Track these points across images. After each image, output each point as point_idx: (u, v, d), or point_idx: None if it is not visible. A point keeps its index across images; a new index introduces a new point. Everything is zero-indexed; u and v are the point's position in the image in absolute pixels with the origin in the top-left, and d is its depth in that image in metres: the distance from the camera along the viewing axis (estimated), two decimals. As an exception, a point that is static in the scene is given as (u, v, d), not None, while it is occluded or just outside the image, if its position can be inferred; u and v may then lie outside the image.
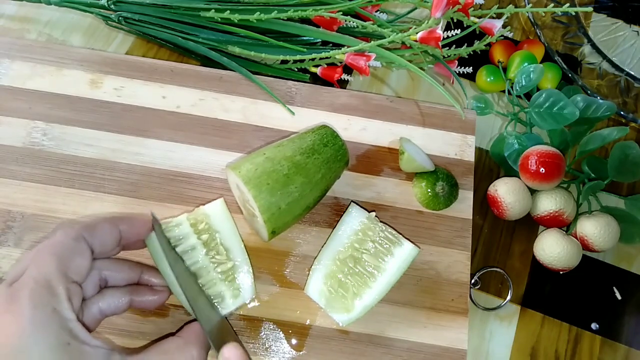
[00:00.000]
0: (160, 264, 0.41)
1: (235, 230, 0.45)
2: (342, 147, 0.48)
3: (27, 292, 0.32)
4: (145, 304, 0.41)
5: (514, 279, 0.52)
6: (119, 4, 0.56)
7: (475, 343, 0.49)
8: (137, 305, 0.41)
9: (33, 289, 0.32)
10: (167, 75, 0.55)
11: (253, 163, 0.43)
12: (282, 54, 0.55)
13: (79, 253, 0.36)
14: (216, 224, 0.45)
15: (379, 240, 0.45)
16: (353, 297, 0.44)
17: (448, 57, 0.58)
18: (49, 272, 0.33)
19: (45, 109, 0.52)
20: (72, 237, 0.36)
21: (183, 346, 0.36)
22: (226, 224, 0.45)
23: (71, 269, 0.35)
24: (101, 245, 0.38)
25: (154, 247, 0.41)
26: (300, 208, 0.45)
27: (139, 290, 0.41)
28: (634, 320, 0.52)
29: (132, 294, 0.40)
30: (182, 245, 0.43)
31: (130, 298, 0.40)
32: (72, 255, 0.35)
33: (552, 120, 0.51)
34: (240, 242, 0.45)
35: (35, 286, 0.32)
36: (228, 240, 0.45)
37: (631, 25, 0.70)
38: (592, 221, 0.50)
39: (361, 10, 0.56)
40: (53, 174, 0.49)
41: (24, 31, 0.60)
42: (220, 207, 0.46)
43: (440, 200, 0.50)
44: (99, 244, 0.38)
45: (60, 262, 0.34)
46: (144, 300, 0.41)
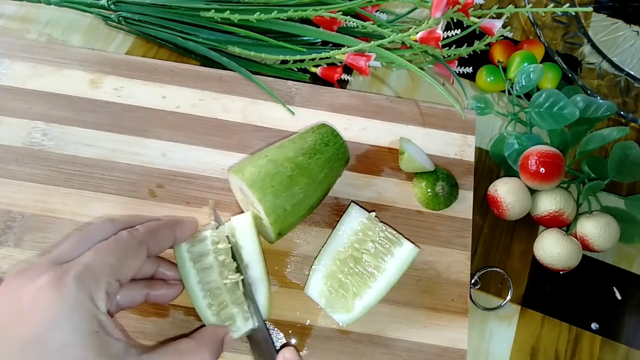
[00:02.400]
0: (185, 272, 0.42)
1: (259, 248, 0.44)
2: (343, 145, 0.48)
3: (73, 274, 0.32)
4: (160, 298, 0.42)
5: (514, 279, 0.52)
6: (119, 4, 0.56)
7: (475, 343, 0.49)
8: (152, 299, 0.41)
9: (81, 272, 0.32)
10: (167, 75, 0.55)
11: (256, 166, 0.43)
12: (282, 54, 0.55)
13: (136, 257, 0.37)
14: (241, 239, 0.44)
15: (379, 240, 0.45)
16: (353, 297, 0.44)
17: (448, 57, 0.58)
18: (102, 264, 0.34)
19: (45, 109, 0.52)
20: (138, 241, 0.37)
21: (196, 348, 0.37)
22: (250, 240, 0.44)
23: (123, 270, 0.35)
24: (158, 250, 0.39)
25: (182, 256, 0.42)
26: (304, 208, 0.45)
27: (155, 284, 0.42)
28: (634, 320, 0.52)
29: (148, 288, 0.41)
30: (200, 263, 0.43)
31: (147, 292, 0.41)
32: (130, 257, 0.36)
33: (552, 120, 0.51)
34: (262, 260, 0.44)
35: (84, 271, 0.33)
36: (250, 257, 0.44)
37: (631, 25, 0.70)
38: (592, 221, 0.50)
39: (361, 10, 0.56)
40: (53, 174, 0.49)
41: (24, 31, 0.60)
42: (247, 222, 0.44)
43: (440, 200, 0.50)
44: (157, 249, 0.39)
45: (116, 260, 0.35)
46: (159, 294, 0.42)
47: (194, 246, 0.43)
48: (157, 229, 0.39)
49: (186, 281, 0.41)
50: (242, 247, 0.44)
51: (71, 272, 0.32)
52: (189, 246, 0.42)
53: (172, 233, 0.40)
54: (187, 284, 0.41)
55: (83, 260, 0.34)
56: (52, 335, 0.30)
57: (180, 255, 0.42)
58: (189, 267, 0.41)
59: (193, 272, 0.41)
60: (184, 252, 0.42)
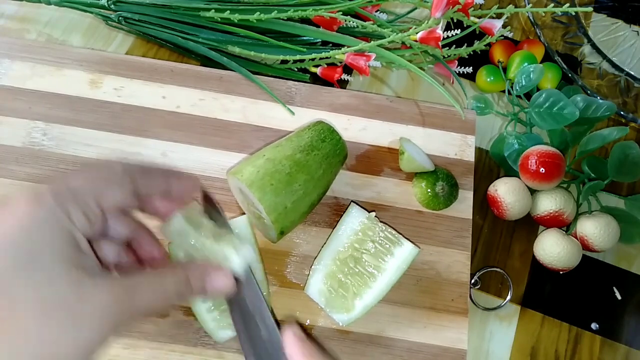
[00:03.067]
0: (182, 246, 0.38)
1: (257, 251, 0.45)
2: (340, 140, 0.48)
3: (52, 190, 0.30)
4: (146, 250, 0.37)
5: (514, 279, 0.52)
6: (119, 4, 0.56)
7: (475, 343, 0.49)
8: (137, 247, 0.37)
9: (59, 189, 0.30)
10: (167, 75, 0.55)
11: (254, 166, 0.43)
12: (282, 54, 0.55)
13: (121, 186, 0.33)
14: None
15: (379, 240, 0.45)
16: (353, 297, 0.44)
17: (448, 57, 0.58)
18: (83, 186, 0.31)
19: (45, 109, 0.52)
20: (123, 169, 0.34)
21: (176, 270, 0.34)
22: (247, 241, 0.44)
23: (104, 196, 0.32)
24: (146, 190, 0.35)
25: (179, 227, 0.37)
26: (305, 205, 0.45)
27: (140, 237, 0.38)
28: (634, 320, 0.52)
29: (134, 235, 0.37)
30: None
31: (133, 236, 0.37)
32: (114, 184, 0.33)
33: (552, 120, 0.51)
34: (260, 262, 0.45)
35: (63, 188, 0.30)
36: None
37: (631, 25, 0.70)
38: (592, 221, 0.50)
39: (361, 10, 0.56)
40: (53, 174, 0.49)
41: (24, 31, 0.60)
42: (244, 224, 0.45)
43: (440, 200, 0.50)
44: (144, 189, 0.35)
45: (98, 184, 0.32)
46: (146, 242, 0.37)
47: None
48: (149, 168, 0.36)
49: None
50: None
51: (50, 189, 0.30)
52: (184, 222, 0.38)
53: (165, 179, 0.36)
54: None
55: (66, 181, 0.31)
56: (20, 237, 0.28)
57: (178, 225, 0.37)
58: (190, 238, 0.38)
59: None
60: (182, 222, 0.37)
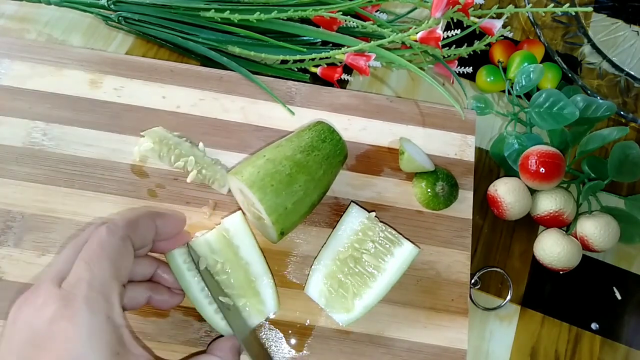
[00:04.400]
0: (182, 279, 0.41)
1: (255, 243, 0.45)
2: (340, 141, 0.48)
3: (82, 299, 0.32)
4: (162, 304, 0.42)
5: (514, 279, 0.52)
6: (119, 4, 0.56)
7: (475, 343, 0.49)
8: (153, 304, 0.41)
9: (88, 296, 0.32)
10: (167, 75, 0.55)
11: (254, 166, 0.43)
12: (282, 54, 0.55)
13: (126, 255, 0.36)
14: (235, 239, 0.45)
15: (379, 240, 0.45)
16: (353, 297, 0.44)
17: (448, 57, 0.58)
18: (104, 277, 0.33)
19: (45, 109, 0.52)
20: (119, 237, 0.36)
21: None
22: (246, 238, 0.45)
23: (121, 273, 0.35)
24: (141, 242, 0.38)
25: (175, 262, 0.41)
26: (305, 206, 0.45)
27: (158, 288, 0.42)
28: (634, 320, 0.52)
29: (151, 291, 0.41)
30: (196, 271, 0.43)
31: (149, 295, 0.41)
32: (122, 257, 0.35)
33: (552, 120, 0.51)
34: (261, 255, 0.45)
35: (91, 292, 0.32)
36: (249, 254, 0.45)
37: (631, 25, 0.70)
38: (592, 221, 0.50)
39: (361, 10, 0.56)
40: (53, 174, 0.49)
41: (24, 31, 0.60)
42: (239, 220, 0.45)
43: (440, 200, 0.50)
44: (140, 242, 0.38)
45: (113, 267, 0.34)
46: (162, 299, 0.41)
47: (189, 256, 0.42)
48: (135, 220, 0.38)
49: (188, 291, 0.41)
50: (239, 246, 0.44)
51: (78, 297, 0.32)
52: (185, 257, 0.42)
53: (153, 223, 0.39)
54: (190, 294, 0.41)
55: (82, 278, 0.33)
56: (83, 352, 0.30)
57: (177, 267, 0.41)
58: (188, 277, 0.41)
59: (194, 281, 0.41)
60: (181, 264, 0.41)
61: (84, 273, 0.33)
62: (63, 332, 0.30)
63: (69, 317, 0.31)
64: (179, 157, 0.49)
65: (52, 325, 0.31)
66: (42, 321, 0.31)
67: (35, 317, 0.31)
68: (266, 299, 0.44)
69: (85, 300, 0.32)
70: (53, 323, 0.31)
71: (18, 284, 0.45)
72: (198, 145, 0.51)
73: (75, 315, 0.31)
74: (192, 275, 0.41)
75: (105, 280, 0.33)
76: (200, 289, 0.41)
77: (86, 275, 0.33)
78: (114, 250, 0.35)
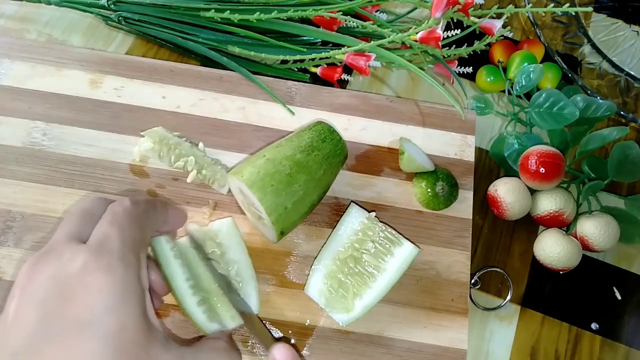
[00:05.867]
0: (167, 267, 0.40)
1: (245, 248, 0.45)
2: (340, 141, 0.48)
3: (116, 252, 0.31)
4: None
5: (514, 279, 0.52)
6: (119, 4, 0.56)
7: (475, 343, 0.49)
8: None
9: (121, 250, 0.31)
10: (167, 75, 0.55)
11: (254, 166, 0.43)
12: (282, 54, 0.55)
13: (149, 226, 0.36)
14: (225, 241, 0.45)
15: (379, 240, 0.45)
16: (353, 297, 0.44)
17: (448, 57, 0.58)
18: (134, 238, 0.33)
19: (45, 109, 0.52)
20: (143, 209, 0.36)
21: (229, 348, 0.37)
22: (235, 241, 0.45)
23: (146, 242, 0.34)
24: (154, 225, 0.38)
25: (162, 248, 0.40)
26: (305, 206, 0.45)
27: None
28: (634, 320, 0.52)
29: None
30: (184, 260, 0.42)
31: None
32: (145, 228, 0.35)
33: (552, 120, 0.51)
34: (249, 259, 0.45)
35: (123, 248, 0.32)
36: (238, 258, 0.45)
37: (631, 25, 0.70)
38: (592, 221, 0.50)
39: (361, 10, 0.56)
40: (53, 174, 0.49)
41: (24, 31, 0.60)
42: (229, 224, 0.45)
43: (440, 200, 0.50)
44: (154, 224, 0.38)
45: (139, 230, 0.34)
46: None
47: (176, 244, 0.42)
48: (153, 202, 0.38)
49: (172, 280, 0.40)
50: (228, 248, 0.44)
51: (113, 252, 0.31)
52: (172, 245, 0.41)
53: (165, 212, 0.39)
54: (174, 283, 0.40)
55: (110, 234, 0.32)
56: (111, 319, 0.29)
57: (163, 254, 0.40)
58: (174, 265, 0.40)
59: (180, 270, 0.40)
60: (168, 250, 0.40)
61: (113, 231, 0.32)
62: (97, 282, 0.30)
63: (104, 269, 0.30)
64: (179, 157, 0.49)
65: (85, 276, 0.30)
66: (71, 273, 0.30)
67: (61, 270, 0.30)
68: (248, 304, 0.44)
69: (118, 254, 0.31)
70: (85, 274, 0.30)
71: (18, 284, 0.45)
72: (198, 145, 0.51)
73: (111, 267, 0.30)
74: (179, 264, 0.40)
75: (135, 241, 0.33)
76: (185, 279, 0.40)
77: (116, 233, 0.32)
78: (139, 219, 0.35)
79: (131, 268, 0.31)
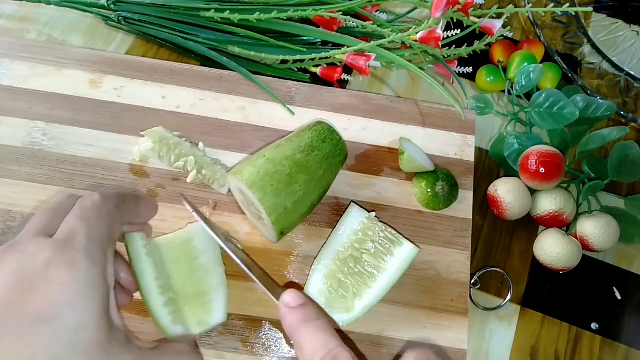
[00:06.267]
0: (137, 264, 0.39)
1: (219, 254, 0.44)
2: (340, 141, 0.48)
3: (81, 247, 0.31)
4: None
5: (514, 279, 0.52)
6: (119, 4, 0.56)
7: (475, 343, 0.49)
8: None
9: (87, 246, 0.31)
10: (167, 75, 0.55)
11: (254, 166, 0.43)
12: (282, 54, 0.55)
13: (117, 223, 0.35)
14: (200, 245, 0.44)
15: (379, 240, 0.45)
16: (353, 297, 0.44)
17: (448, 57, 0.58)
18: (101, 233, 0.33)
19: (45, 109, 0.52)
20: (114, 204, 0.35)
21: (190, 350, 0.37)
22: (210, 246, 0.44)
23: (114, 238, 0.34)
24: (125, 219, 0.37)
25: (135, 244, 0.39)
26: (305, 206, 0.45)
27: None
28: (634, 320, 0.52)
29: None
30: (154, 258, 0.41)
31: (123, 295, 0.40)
32: (114, 224, 0.35)
33: (552, 120, 0.51)
34: (222, 265, 0.44)
35: (89, 243, 0.31)
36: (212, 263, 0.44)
37: (631, 25, 0.70)
38: (592, 221, 0.50)
39: (361, 10, 0.56)
40: (53, 174, 0.49)
41: (24, 31, 0.60)
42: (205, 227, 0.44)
43: (440, 200, 0.50)
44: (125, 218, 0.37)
45: (106, 227, 0.33)
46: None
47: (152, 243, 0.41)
48: (124, 196, 0.37)
49: (141, 277, 0.39)
50: (203, 252, 0.44)
51: (78, 246, 0.31)
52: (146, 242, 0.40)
53: (137, 203, 0.39)
54: (142, 281, 0.39)
55: (77, 229, 0.32)
56: (69, 313, 0.29)
57: (135, 250, 0.39)
58: (145, 263, 0.39)
59: (150, 268, 0.39)
60: (141, 247, 0.39)
61: (80, 226, 0.32)
62: (59, 277, 0.29)
63: (67, 263, 0.30)
64: (179, 157, 0.49)
65: (47, 270, 0.29)
66: (34, 266, 0.30)
67: (25, 264, 0.30)
68: (214, 310, 0.42)
69: (84, 249, 0.31)
70: (48, 268, 0.29)
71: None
72: (198, 145, 0.51)
73: (74, 262, 0.30)
74: (150, 262, 0.39)
75: (103, 236, 0.32)
76: (154, 278, 0.39)
77: (83, 228, 0.32)
78: (108, 215, 0.34)
79: (96, 264, 0.31)
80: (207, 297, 0.43)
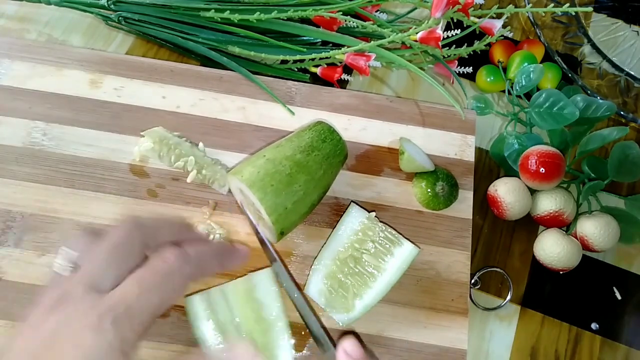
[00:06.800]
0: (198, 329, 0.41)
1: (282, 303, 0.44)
2: (340, 141, 0.48)
3: (113, 317, 0.30)
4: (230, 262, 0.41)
5: (514, 279, 0.52)
6: (119, 4, 0.56)
7: (475, 343, 0.49)
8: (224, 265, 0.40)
9: (120, 317, 0.30)
10: (167, 75, 0.55)
11: (254, 166, 0.43)
12: (282, 54, 0.55)
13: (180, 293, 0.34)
14: (262, 296, 0.44)
15: (379, 240, 0.45)
16: (353, 297, 0.44)
17: (448, 57, 0.58)
18: (146, 306, 0.31)
19: (45, 109, 0.52)
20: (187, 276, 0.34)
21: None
22: (273, 297, 0.44)
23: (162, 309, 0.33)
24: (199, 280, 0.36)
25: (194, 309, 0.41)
26: (305, 206, 0.45)
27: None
28: (634, 320, 0.52)
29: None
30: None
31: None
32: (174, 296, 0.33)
33: (552, 120, 0.51)
34: (285, 312, 0.44)
35: (123, 315, 0.30)
36: (276, 313, 0.44)
37: (631, 25, 0.70)
38: (592, 221, 0.50)
39: (361, 10, 0.56)
40: (53, 174, 0.49)
41: (24, 31, 0.60)
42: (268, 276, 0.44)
43: (440, 200, 0.50)
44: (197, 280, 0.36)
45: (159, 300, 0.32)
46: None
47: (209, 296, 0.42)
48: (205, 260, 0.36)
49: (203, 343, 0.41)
50: (264, 304, 0.43)
51: (111, 315, 0.30)
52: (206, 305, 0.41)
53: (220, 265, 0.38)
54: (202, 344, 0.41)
55: (125, 298, 0.31)
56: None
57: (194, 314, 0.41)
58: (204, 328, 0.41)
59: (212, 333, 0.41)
60: (201, 311, 0.41)
61: (129, 295, 0.31)
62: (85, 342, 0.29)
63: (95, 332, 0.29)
64: (179, 157, 0.49)
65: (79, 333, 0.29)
66: (72, 330, 0.30)
67: (66, 324, 0.30)
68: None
69: (114, 321, 0.30)
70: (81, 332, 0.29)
71: (18, 284, 0.45)
72: (198, 145, 0.51)
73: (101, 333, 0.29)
74: (211, 326, 0.41)
75: (144, 313, 0.31)
76: (217, 343, 0.40)
77: (130, 297, 0.31)
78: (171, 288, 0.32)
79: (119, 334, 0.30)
80: (272, 352, 0.42)
